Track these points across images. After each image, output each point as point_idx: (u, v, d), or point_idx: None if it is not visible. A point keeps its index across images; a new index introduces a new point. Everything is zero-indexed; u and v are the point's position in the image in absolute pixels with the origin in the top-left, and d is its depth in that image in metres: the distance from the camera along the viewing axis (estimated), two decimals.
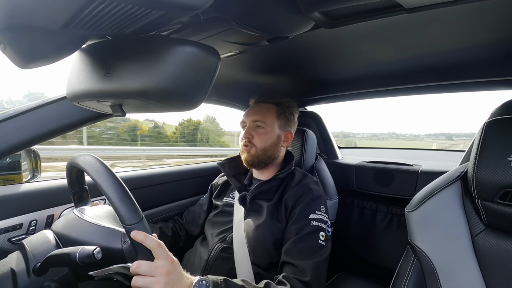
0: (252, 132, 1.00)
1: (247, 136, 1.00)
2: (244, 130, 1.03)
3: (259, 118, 1.00)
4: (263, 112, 1.02)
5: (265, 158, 1.00)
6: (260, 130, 1.00)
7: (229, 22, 0.56)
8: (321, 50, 0.86)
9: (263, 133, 1.00)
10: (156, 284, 0.52)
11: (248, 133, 1.00)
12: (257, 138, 0.99)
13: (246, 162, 1.01)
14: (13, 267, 0.55)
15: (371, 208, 1.36)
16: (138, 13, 0.37)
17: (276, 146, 1.02)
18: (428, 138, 65.80)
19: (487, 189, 0.59)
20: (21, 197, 0.82)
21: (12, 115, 0.73)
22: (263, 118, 1.00)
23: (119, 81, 0.45)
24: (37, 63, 0.47)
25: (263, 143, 0.99)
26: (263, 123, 1.00)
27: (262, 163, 1.00)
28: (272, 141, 1.01)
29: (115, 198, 0.53)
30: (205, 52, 0.45)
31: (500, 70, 0.92)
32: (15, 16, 0.35)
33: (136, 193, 0.67)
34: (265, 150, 0.99)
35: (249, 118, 1.02)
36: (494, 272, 0.59)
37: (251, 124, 1.01)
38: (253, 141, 0.99)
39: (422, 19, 0.63)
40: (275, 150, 1.02)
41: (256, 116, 1.01)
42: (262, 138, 0.99)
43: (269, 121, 1.01)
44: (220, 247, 0.91)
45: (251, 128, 1.01)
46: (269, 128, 1.00)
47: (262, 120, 1.00)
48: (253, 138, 1.00)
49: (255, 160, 0.99)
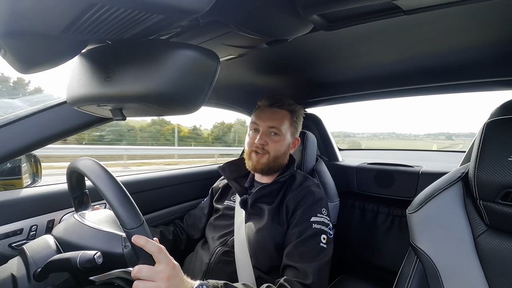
0: (267, 139, 0.97)
1: (262, 142, 0.96)
2: (253, 132, 1.01)
3: (276, 125, 0.97)
4: (279, 119, 0.99)
5: (274, 165, 0.98)
6: (275, 137, 0.98)
7: (228, 25, 0.56)
8: (320, 53, 0.87)
9: (278, 140, 0.98)
10: None
11: (263, 139, 0.97)
12: (271, 145, 0.97)
13: (254, 168, 0.99)
14: (14, 272, 0.55)
15: (372, 209, 1.35)
16: (137, 17, 0.37)
17: (286, 154, 1.02)
18: (427, 138, 65.85)
19: (488, 190, 0.58)
20: (22, 202, 0.81)
21: (13, 120, 0.73)
22: (279, 125, 0.98)
23: (119, 85, 0.45)
24: (38, 68, 0.47)
25: (276, 151, 0.97)
26: (279, 130, 0.98)
27: (271, 170, 0.99)
28: (285, 149, 1.00)
29: (115, 202, 0.53)
30: (205, 55, 0.45)
31: (499, 70, 0.92)
32: (15, 22, 0.35)
33: (137, 197, 0.67)
34: (276, 158, 0.98)
35: (265, 123, 0.98)
36: (496, 272, 0.59)
37: (265, 129, 0.98)
38: (267, 148, 0.97)
39: (420, 21, 0.63)
40: (284, 158, 1.01)
41: (273, 122, 0.98)
42: (276, 145, 0.97)
43: (284, 129, 0.99)
44: (221, 251, 0.91)
45: (266, 134, 0.98)
46: (283, 135, 0.98)
47: (278, 127, 0.97)
48: (267, 145, 0.97)
49: (265, 168, 0.97)
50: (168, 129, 15.30)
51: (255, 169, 0.99)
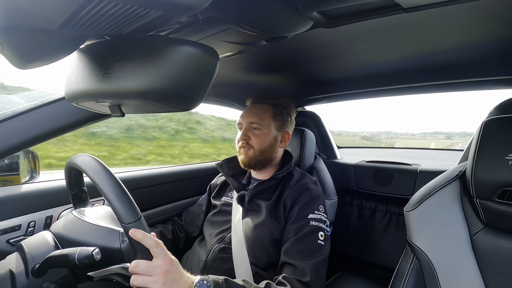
0: (249, 134, 1.00)
1: (243, 137, 1.00)
2: (239, 130, 1.03)
3: (256, 119, 1.00)
4: (259, 114, 1.01)
5: (262, 159, 1.00)
6: (256, 131, 1.00)
7: (228, 22, 0.56)
8: (320, 50, 0.86)
9: (259, 134, 1.00)
10: (154, 283, 0.52)
11: (245, 134, 1.00)
12: (254, 139, 0.99)
13: (243, 163, 1.01)
14: (12, 268, 0.55)
15: (370, 207, 1.36)
16: (136, 13, 0.37)
17: (273, 147, 1.02)
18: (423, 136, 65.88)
19: (485, 188, 0.59)
20: (20, 198, 0.81)
21: (11, 115, 0.73)
22: (260, 120, 1.00)
23: (117, 81, 0.45)
24: (35, 63, 0.47)
25: (260, 144, 0.99)
26: (260, 124, 1.00)
27: (260, 164, 1.00)
28: (269, 142, 1.01)
29: (112, 197, 0.53)
30: (204, 52, 0.45)
31: (498, 69, 0.92)
32: (13, 17, 0.35)
33: (135, 193, 0.67)
34: (262, 151, 0.99)
35: (246, 119, 1.02)
36: (492, 270, 0.60)
37: (247, 125, 1.01)
38: (250, 142, 0.99)
39: (420, 18, 0.63)
40: (272, 151, 1.02)
41: (252, 117, 1.01)
42: (259, 139, 0.99)
43: (266, 123, 1.00)
44: (218, 248, 0.91)
45: (248, 130, 1.01)
46: (265, 129, 1.00)
47: (258, 122, 1.00)
48: (250, 140, 1.00)
49: (252, 162, 0.99)
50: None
51: (244, 164, 1.02)
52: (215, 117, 9.15)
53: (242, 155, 1.01)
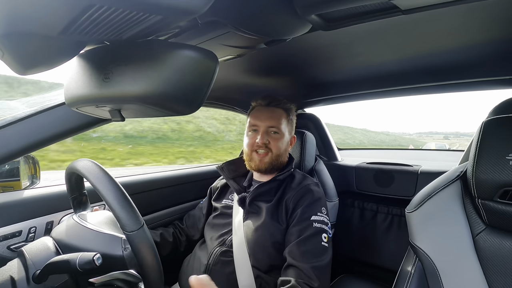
0: (268, 138, 0.99)
1: (264, 141, 0.98)
2: (252, 132, 1.02)
3: (275, 124, 0.99)
4: (277, 118, 1.01)
5: (277, 163, 1.00)
6: (275, 135, 1.00)
7: (227, 26, 0.56)
8: (319, 52, 0.87)
9: (278, 138, 0.99)
10: None
11: (264, 138, 0.99)
12: (273, 143, 0.99)
13: (258, 168, 0.99)
14: (13, 275, 0.55)
15: (371, 209, 1.35)
16: (135, 18, 0.37)
17: (286, 151, 1.03)
18: (419, 136, 66.05)
19: (486, 188, 0.59)
20: (20, 204, 0.81)
21: (11, 121, 0.73)
22: (278, 124, 1.00)
23: (117, 86, 0.45)
24: (36, 69, 0.47)
25: (278, 148, 0.99)
26: (278, 128, 0.99)
27: (275, 168, 1.00)
28: (285, 147, 1.02)
29: (115, 205, 0.53)
30: (203, 56, 0.45)
31: (497, 69, 0.92)
32: (13, 23, 0.35)
33: (136, 198, 0.67)
34: (279, 156, 0.99)
35: (264, 123, 0.99)
36: (495, 271, 0.59)
37: (265, 129, 0.99)
38: (270, 146, 0.98)
39: (418, 20, 0.63)
40: (285, 156, 1.03)
41: (272, 121, 1.00)
42: (278, 143, 0.99)
43: (283, 127, 1.01)
44: (220, 251, 0.91)
45: (266, 133, 0.99)
46: (282, 134, 1.00)
47: (277, 126, 0.99)
48: (269, 144, 0.99)
49: (268, 167, 0.99)
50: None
51: (260, 169, 1.00)
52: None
53: (255, 161, 0.99)
